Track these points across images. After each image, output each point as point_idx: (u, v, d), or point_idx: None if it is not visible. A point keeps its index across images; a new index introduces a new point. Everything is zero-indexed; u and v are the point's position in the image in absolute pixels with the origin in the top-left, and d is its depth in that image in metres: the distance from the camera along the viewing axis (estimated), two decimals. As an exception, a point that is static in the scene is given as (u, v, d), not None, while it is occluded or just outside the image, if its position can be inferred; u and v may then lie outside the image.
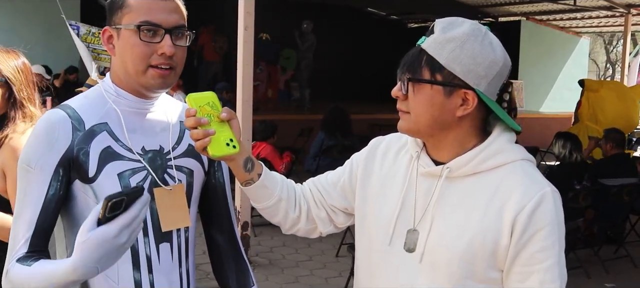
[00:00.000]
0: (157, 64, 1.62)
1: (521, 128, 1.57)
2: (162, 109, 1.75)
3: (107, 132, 1.64)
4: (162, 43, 1.61)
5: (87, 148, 1.61)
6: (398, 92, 1.55)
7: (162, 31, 1.61)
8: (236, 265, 1.90)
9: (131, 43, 1.61)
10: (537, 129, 14.01)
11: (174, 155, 1.73)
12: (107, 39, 1.67)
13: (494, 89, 1.53)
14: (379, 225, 1.63)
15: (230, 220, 1.90)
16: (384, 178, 1.67)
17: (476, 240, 1.48)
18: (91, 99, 1.69)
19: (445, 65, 1.48)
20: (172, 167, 1.71)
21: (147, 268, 1.67)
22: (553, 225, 1.47)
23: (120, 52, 1.64)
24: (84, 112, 1.65)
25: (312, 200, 1.77)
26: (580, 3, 13.98)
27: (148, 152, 1.69)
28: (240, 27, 5.83)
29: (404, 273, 1.57)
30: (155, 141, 1.71)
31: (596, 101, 10.03)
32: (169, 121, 1.75)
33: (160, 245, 1.70)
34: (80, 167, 1.60)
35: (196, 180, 1.78)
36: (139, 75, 1.62)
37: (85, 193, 1.62)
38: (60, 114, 1.63)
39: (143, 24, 1.59)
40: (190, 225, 1.75)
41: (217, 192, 1.87)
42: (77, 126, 1.62)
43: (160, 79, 1.63)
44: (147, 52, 1.60)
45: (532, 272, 1.47)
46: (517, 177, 1.51)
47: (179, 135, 1.76)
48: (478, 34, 1.50)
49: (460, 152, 1.55)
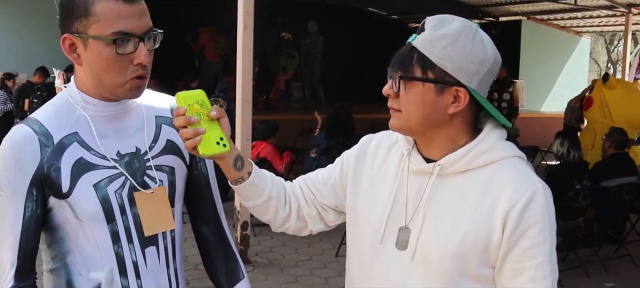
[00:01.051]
0: (135, 76, 1.55)
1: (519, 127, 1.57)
2: (134, 105, 1.68)
3: (78, 143, 1.58)
4: (137, 52, 1.52)
5: (57, 164, 1.55)
6: (389, 90, 1.55)
7: (135, 39, 1.51)
8: (224, 256, 1.86)
9: (105, 56, 1.51)
10: (538, 128, 14.00)
11: (151, 154, 1.68)
12: (69, 47, 1.55)
13: (485, 86, 1.53)
14: (371, 224, 1.62)
15: (216, 211, 1.86)
16: (375, 176, 1.67)
17: (468, 237, 1.48)
18: (58, 107, 1.62)
19: (436, 63, 1.48)
20: (151, 168, 1.66)
21: (134, 274, 1.65)
22: (544, 221, 1.47)
23: (90, 64, 1.54)
24: (51, 124, 1.57)
25: (302, 198, 1.77)
26: (581, 2, 13.96)
27: (124, 156, 1.63)
28: (239, 27, 5.84)
29: (395, 271, 1.56)
30: (131, 143, 1.65)
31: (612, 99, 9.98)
32: (142, 119, 1.69)
33: (146, 249, 1.66)
34: (53, 184, 1.55)
35: (178, 177, 1.73)
36: (116, 88, 1.55)
37: (62, 208, 1.57)
38: (25, 131, 1.55)
39: (117, 35, 1.49)
40: (173, 227, 1.71)
41: (200, 184, 1.82)
42: (45, 141, 1.55)
43: (136, 90, 1.58)
44: (124, 64, 1.52)
45: (524, 269, 1.47)
46: (508, 173, 1.51)
47: (155, 133, 1.70)
48: (469, 31, 1.49)
49: (451, 149, 1.55)
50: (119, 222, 1.62)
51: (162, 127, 1.72)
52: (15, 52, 12.07)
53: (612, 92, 9.97)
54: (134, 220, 1.64)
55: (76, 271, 1.61)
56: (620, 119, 9.07)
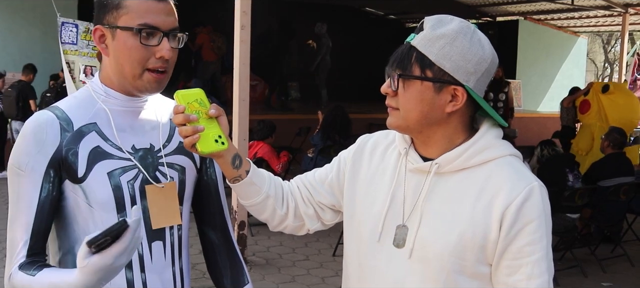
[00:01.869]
0: (154, 68, 1.62)
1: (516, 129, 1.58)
2: (152, 107, 1.75)
3: (96, 132, 1.64)
4: (160, 46, 1.60)
5: (75, 149, 1.60)
6: (388, 88, 1.56)
7: (159, 34, 1.60)
8: (230, 262, 1.89)
9: (129, 45, 1.59)
10: (535, 128, 14.02)
11: (165, 152, 1.72)
12: (99, 38, 1.65)
13: (482, 86, 1.54)
14: (368, 222, 1.63)
15: (224, 217, 1.90)
16: (373, 175, 1.68)
17: (465, 235, 1.49)
18: (80, 99, 1.69)
19: (435, 62, 1.49)
20: (163, 165, 1.71)
21: (139, 267, 1.67)
22: (541, 219, 1.49)
23: (115, 53, 1.62)
24: (72, 112, 1.64)
25: (299, 197, 1.77)
26: (578, 2, 13.99)
27: (138, 151, 1.68)
28: (236, 27, 5.84)
29: (393, 269, 1.57)
30: (146, 139, 1.71)
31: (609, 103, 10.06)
32: (159, 119, 1.75)
33: (153, 243, 1.69)
34: (70, 168, 1.60)
35: (188, 177, 1.77)
36: (135, 78, 1.62)
37: (75, 193, 1.62)
38: (48, 115, 1.62)
39: (143, 26, 1.58)
40: (180, 222, 1.74)
41: (209, 189, 1.87)
42: (66, 127, 1.61)
43: (155, 83, 1.64)
44: (145, 55, 1.60)
45: (520, 266, 1.49)
46: (505, 172, 1.52)
47: (169, 133, 1.76)
48: (467, 31, 1.51)
49: (448, 148, 1.56)
50: (128, 213, 1.64)
51: (176, 129, 1.75)
52: (12, 51, 12.07)
53: (609, 97, 10.06)
54: (143, 213, 1.66)
55: None
56: (616, 122, 9.12)
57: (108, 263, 1.37)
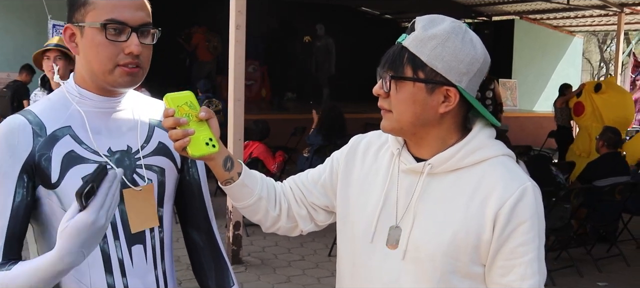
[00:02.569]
0: (124, 63, 1.57)
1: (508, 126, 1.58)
2: (129, 107, 1.70)
3: (70, 136, 1.60)
4: (128, 42, 1.56)
5: (48, 154, 1.57)
6: (380, 90, 1.55)
7: (128, 30, 1.56)
8: (215, 264, 1.85)
9: (96, 42, 1.56)
10: (531, 127, 14.04)
11: (143, 154, 1.68)
12: (69, 37, 1.62)
13: (474, 86, 1.54)
14: (361, 223, 1.63)
15: (207, 218, 1.86)
16: (366, 176, 1.67)
17: (459, 235, 1.49)
18: (54, 101, 1.65)
19: (427, 63, 1.48)
20: (141, 167, 1.67)
21: (120, 271, 1.63)
22: (533, 219, 1.48)
23: (84, 51, 1.59)
24: (45, 116, 1.61)
25: (292, 198, 1.76)
26: (574, 2, 14.01)
27: (115, 153, 1.64)
28: (231, 26, 5.83)
29: (387, 269, 1.57)
30: (123, 141, 1.66)
31: (603, 103, 10.03)
32: (136, 120, 1.70)
33: (133, 247, 1.65)
34: (43, 173, 1.56)
35: (168, 179, 1.73)
36: (106, 74, 1.58)
37: (49, 199, 1.58)
38: (20, 120, 1.59)
39: (108, 22, 1.54)
40: (157, 224, 1.70)
41: (192, 189, 1.83)
42: (38, 131, 1.58)
43: (128, 77, 1.59)
44: (114, 51, 1.55)
45: (513, 266, 1.48)
46: (498, 172, 1.52)
47: (147, 134, 1.72)
48: (459, 31, 1.50)
49: (441, 148, 1.55)
50: None
51: (155, 129, 1.73)
52: (6, 51, 12.03)
53: (602, 96, 10.03)
54: (121, 217, 1.64)
55: None
56: (611, 122, 9.12)
57: (89, 221, 1.34)
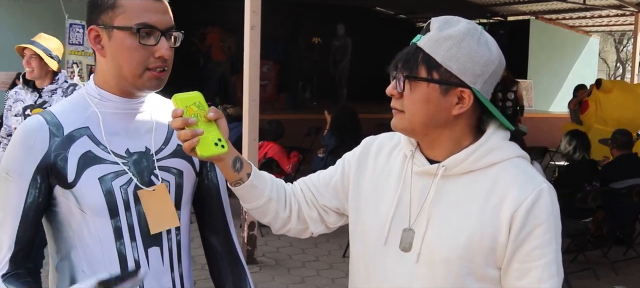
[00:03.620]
0: (154, 67, 1.59)
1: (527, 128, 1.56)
2: (148, 108, 1.71)
3: (88, 136, 1.61)
4: (158, 45, 1.57)
5: (65, 154, 1.58)
6: (393, 90, 1.54)
7: (157, 33, 1.57)
8: (232, 268, 1.84)
9: (128, 46, 1.56)
10: (546, 128, 13.94)
11: (161, 155, 1.69)
12: (94, 38, 1.62)
13: (489, 88, 1.53)
14: (374, 225, 1.61)
15: (225, 222, 1.85)
16: (378, 177, 1.66)
17: (474, 238, 1.48)
18: (73, 103, 1.67)
19: (442, 63, 1.47)
20: (159, 168, 1.67)
21: None
22: (550, 221, 1.47)
23: (113, 54, 1.59)
24: (64, 117, 1.62)
25: (303, 200, 1.75)
26: (590, 2, 13.91)
27: (132, 155, 1.65)
28: (246, 27, 5.83)
29: (400, 272, 1.56)
30: (141, 143, 1.67)
31: (608, 103, 9.89)
32: (155, 121, 1.71)
33: (149, 249, 1.66)
34: (59, 173, 1.57)
35: (186, 181, 1.73)
36: (135, 78, 1.59)
37: (66, 198, 1.59)
38: (38, 120, 1.60)
39: (141, 25, 1.55)
40: (178, 225, 1.71)
41: (210, 193, 1.82)
42: (55, 132, 1.59)
43: (156, 81, 1.61)
44: (145, 55, 1.57)
45: (530, 269, 1.47)
46: (513, 174, 1.50)
47: (166, 136, 1.72)
48: (474, 32, 1.49)
49: (455, 150, 1.54)
50: (123, 218, 1.62)
51: (174, 131, 1.72)
52: (24, 51, 12.07)
53: (608, 95, 9.88)
54: (138, 219, 1.64)
55: (79, 268, 1.62)
56: (613, 121, 9.00)
57: None
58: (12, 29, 11.71)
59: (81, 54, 6.71)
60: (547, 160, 10.90)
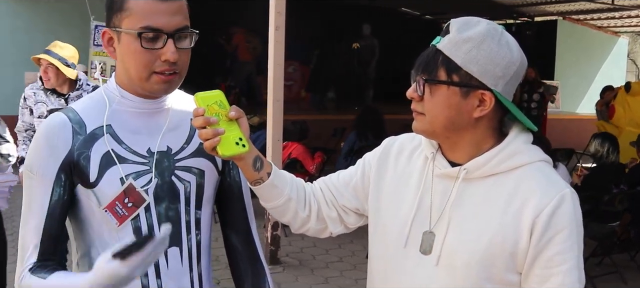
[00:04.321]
0: (161, 71, 1.56)
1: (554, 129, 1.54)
2: (171, 107, 1.70)
3: (110, 135, 1.60)
4: (164, 49, 1.54)
5: (87, 153, 1.58)
6: (413, 93, 1.53)
7: (164, 36, 1.54)
8: (251, 269, 1.84)
9: (132, 49, 1.55)
10: (574, 130, 13.80)
11: (183, 155, 1.68)
12: (107, 41, 1.62)
13: (510, 89, 1.51)
14: (394, 227, 1.61)
15: (247, 221, 1.85)
16: (398, 179, 1.66)
17: (495, 242, 1.46)
18: (96, 100, 1.66)
19: (462, 66, 1.46)
20: (180, 168, 1.67)
21: (155, 273, 1.64)
22: (572, 227, 1.45)
23: (121, 56, 1.59)
24: (86, 115, 1.62)
25: (322, 200, 1.75)
26: (619, 2, 13.72)
27: (154, 154, 1.64)
28: (271, 27, 5.84)
29: (419, 275, 1.55)
30: (162, 142, 1.66)
31: (637, 105, 9.76)
32: (177, 120, 1.70)
33: (169, 249, 1.65)
34: (82, 172, 1.57)
35: (208, 181, 1.72)
36: (142, 81, 1.58)
37: (88, 198, 1.60)
38: (61, 118, 1.60)
39: (144, 29, 1.52)
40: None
41: (232, 192, 1.82)
42: (78, 130, 1.59)
43: (164, 85, 1.59)
44: (150, 59, 1.54)
45: (551, 275, 1.45)
46: (535, 178, 1.49)
47: (188, 135, 1.71)
48: (495, 34, 1.47)
49: (476, 153, 1.53)
50: (142, 219, 1.62)
51: (196, 130, 1.71)
52: (52, 52, 12.22)
53: (636, 98, 9.75)
54: (158, 219, 1.64)
55: None
56: None
57: (124, 272, 1.38)
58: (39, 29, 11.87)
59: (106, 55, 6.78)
60: (574, 162, 10.78)
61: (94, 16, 6.57)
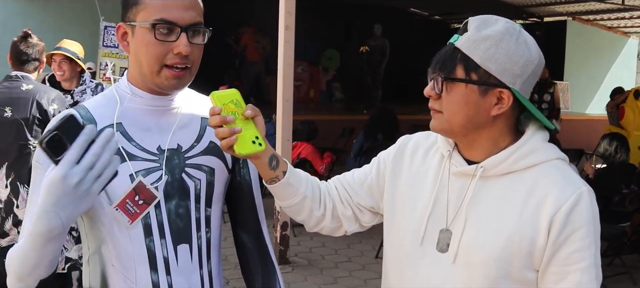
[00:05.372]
0: (172, 64, 1.57)
1: (559, 128, 1.54)
2: (181, 105, 1.71)
3: (120, 133, 1.61)
4: (177, 42, 1.56)
5: None
6: (431, 91, 1.53)
7: (177, 29, 1.56)
8: (262, 267, 1.83)
9: (146, 42, 1.56)
10: (583, 130, 13.75)
11: (193, 153, 1.68)
12: (121, 36, 1.63)
13: (528, 88, 1.51)
14: (410, 225, 1.61)
15: (257, 220, 1.84)
16: (414, 177, 1.65)
17: (513, 240, 1.46)
18: (107, 98, 1.67)
19: (480, 64, 1.46)
20: (190, 166, 1.67)
21: (164, 269, 1.64)
22: (590, 225, 1.45)
23: (134, 50, 1.60)
24: (97, 112, 1.62)
25: (337, 198, 1.75)
26: (629, 2, 13.66)
27: (164, 152, 1.64)
28: (281, 27, 5.85)
29: (436, 274, 1.55)
30: (173, 140, 1.66)
31: None
32: (188, 118, 1.71)
33: (178, 246, 1.66)
34: None
35: (218, 179, 1.73)
36: (153, 75, 1.59)
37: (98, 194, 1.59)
38: (72, 114, 1.58)
39: (158, 21, 1.54)
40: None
41: (242, 191, 1.81)
42: None
43: (174, 80, 1.60)
44: (162, 51, 1.56)
45: (568, 272, 1.45)
46: (552, 176, 1.49)
47: (199, 133, 1.71)
48: (513, 32, 1.48)
49: (493, 151, 1.53)
50: (152, 216, 1.63)
51: (206, 128, 1.72)
52: (62, 51, 12.26)
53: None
54: (168, 216, 1.64)
55: (109, 262, 1.63)
56: None
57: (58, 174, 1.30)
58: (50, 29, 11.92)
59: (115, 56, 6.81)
60: (584, 162, 10.74)
61: (104, 17, 6.60)
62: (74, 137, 1.31)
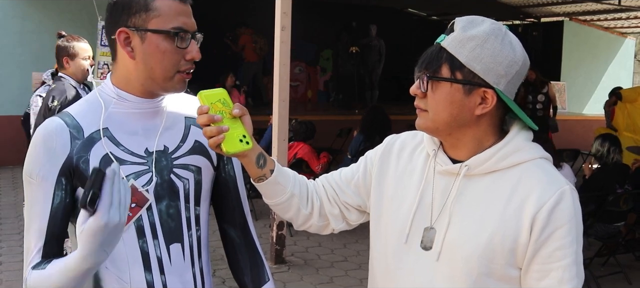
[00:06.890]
0: (184, 69, 1.63)
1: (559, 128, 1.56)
2: (166, 106, 1.73)
3: (108, 138, 1.62)
4: (189, 48, 1.62)
5: (86, 157, 1.59)
6: (417, 90, 1.55)
7: (188, 36, 1.61)
8: (250, 260, 1.87)
9: (162, 49, 1.59)
10: (579, 131, 13.79)
11: (180, 153, 1.71)
12: (123, 40, 1.61)
13: (513, 88, 1.53)
14: (396, 223, 1.63)
15: (243, 214, 1.88)
16: (400, 176, 1.67)
17: (495, 238, 1.48)
18: (91, 103, 1.67)
19: (465, 64, 1.48)
20: (178, 166, 1.70)
21: (158, 269, 1.67)
22: (571, 223, 1.47)
23: (145, 56, 1.60)
24: (83, 118, 1.63)
25: (325, 197, 1.77)
26: (625, 3, 13.69)
27: (152, 154, 1.67)
28: (277, 28, 5.87)
29: (420, 271, 1.57)
30: (159, 142, 1.69)
31: (634, 111, 9.78)
32: (172, 119, 1.73)
33: (171, 246, 1.69)
34: (82, 175, 1.59)
35: (205, 177, 1.76)
36: (166, 81, 1.62)
37: None
38: (57, 123, 1.61)
39: (177, 30, 1.59)
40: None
41: (228, 186, 1.85)
42: (76, 134, 1.60)
43: (183, 84, 1.66)
44: (178, 58, 1.61)
45: (551, 270, 1.47)
46: (535, 175, 1.51)
47: (183, 133, 1.74)
48: (498, 33, 1.50)
49: (478, 150, 1.55)
50: (144, 217, 1.65)
51: (191, 127, 1.75)
52: (60, 52, 12.24)
53: (634, 104, 9.76)
54: (160, 217, 1.67)
55: (103, 265, 1.64)
56: None
57: (101, 222, 1.35)
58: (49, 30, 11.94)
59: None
60: (580, 162, 10.76)
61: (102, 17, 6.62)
62: (100, 183, 1.37)
